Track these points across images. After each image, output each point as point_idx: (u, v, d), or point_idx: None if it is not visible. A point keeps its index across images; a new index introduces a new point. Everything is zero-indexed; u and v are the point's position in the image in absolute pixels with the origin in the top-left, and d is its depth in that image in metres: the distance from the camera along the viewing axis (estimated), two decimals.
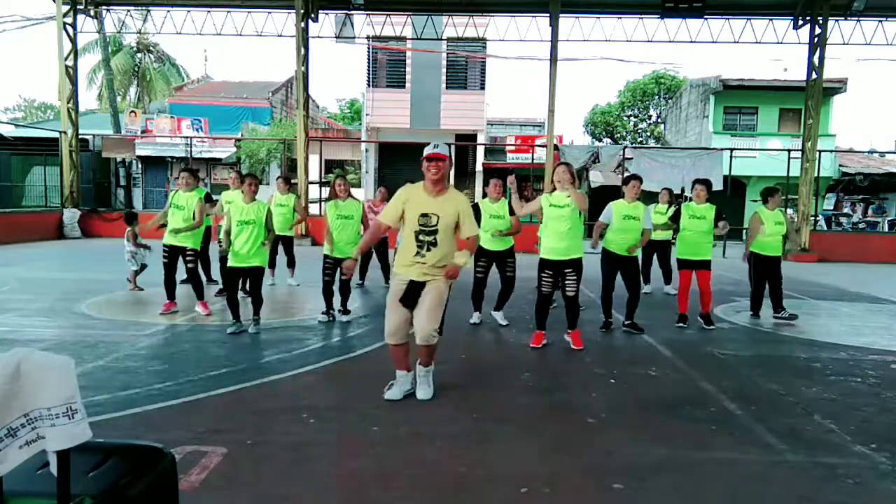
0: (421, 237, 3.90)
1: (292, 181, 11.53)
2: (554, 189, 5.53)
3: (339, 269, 6.44)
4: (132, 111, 24.73)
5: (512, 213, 6.29)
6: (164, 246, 6.74)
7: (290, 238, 8.97)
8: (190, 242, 6.74)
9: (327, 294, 6.51)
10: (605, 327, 6.42)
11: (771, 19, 16.10)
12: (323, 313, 6.55)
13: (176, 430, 3.44)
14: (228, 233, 5.91)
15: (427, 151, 3.91)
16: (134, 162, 23.49)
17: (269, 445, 3.33)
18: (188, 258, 6.76)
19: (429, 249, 3.90)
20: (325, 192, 19.73)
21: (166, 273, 6.73)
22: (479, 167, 22.40)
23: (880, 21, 15.88)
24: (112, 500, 1.31)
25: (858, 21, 15.74)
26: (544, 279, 5.58)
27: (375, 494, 2.86)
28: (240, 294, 6.31)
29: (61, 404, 1.21)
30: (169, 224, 6.72)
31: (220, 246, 6.28)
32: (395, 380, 4.19)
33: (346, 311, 6.66)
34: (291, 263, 9.03)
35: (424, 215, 3.89)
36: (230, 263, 5.96)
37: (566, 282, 5.53)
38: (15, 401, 1.18)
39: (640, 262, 6.60)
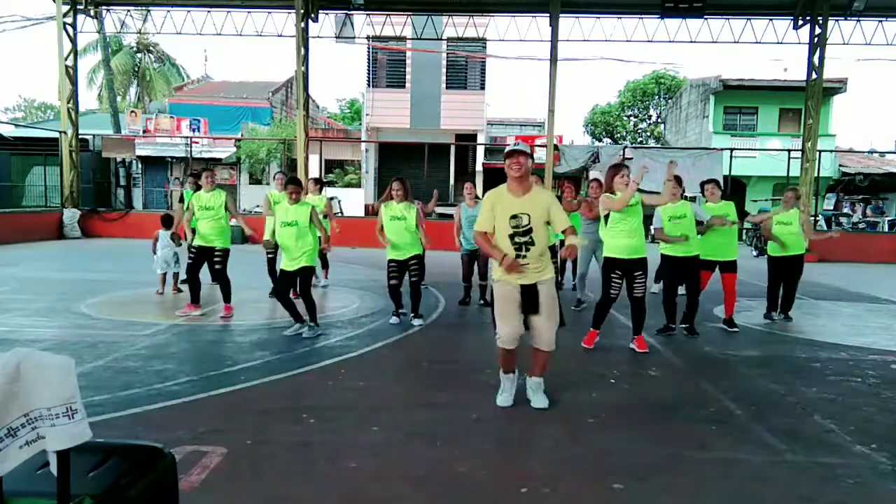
0: (516, 239, 3.86)
1: (324, 181, 11.34)
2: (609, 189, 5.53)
3: (405, 272, 6.49)
4: (132, 111, 24.73)
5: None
6: (192, 247, 6.73)
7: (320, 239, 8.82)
8: (219, 242, 6.65)
9: (394, 296, 6.54)
10: (664, 330, 6.33)
11: (771, 19, 16.10)
12: (393, 314, 6.56)
13: (176, 430, 3.44)
14: (273, 233, 5.98)
15: (508, 149, 3.94)
16: (134, 162, 23.49)
17: (269, 445, 3.33)
18: (216, 259, 6.66)
19: (528, 250, 3.86)
20: (325, 192, 19.75)
21: (190, 274, 6.72)
22: (479, 167, 22.41)
23: (880, 21, 15.88)
24: (112, 499, 1.32)
25: (858, 21, 15.74)
26: (614, 280, 5.53)
27: (375, 494, 2.86)
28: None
29: (61, 404, 1.21)
30: (198, 226, 6.67)
31: (267, 247, 6.33)
32: (503, 385, 4.13)
33: (417, 315, 6.58)
34: (325, 265, 8.91)
35: (514, 217, 3.85)
36: (283, 266, 5.93)
37: (635, 283, 5.49)
38: (15, 401, 1.18)
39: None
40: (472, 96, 22.20)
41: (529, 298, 3.88)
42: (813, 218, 16.32)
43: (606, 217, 5.52)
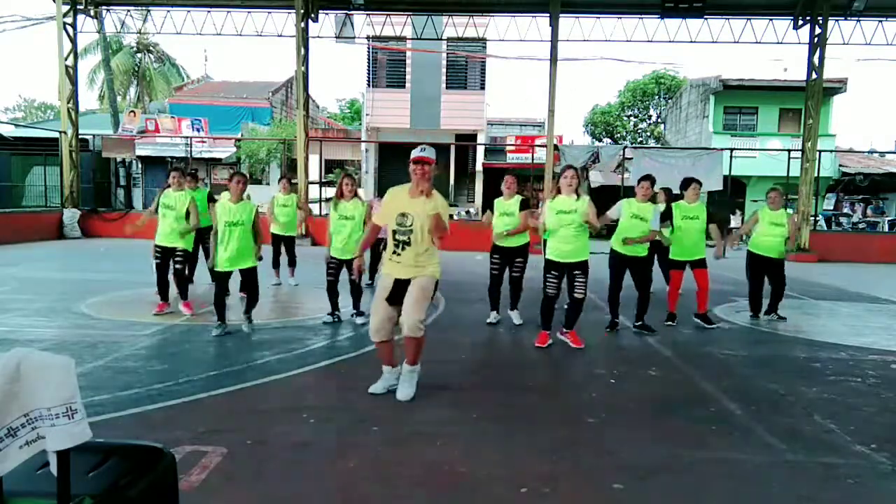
0: (397, 236, 4.02)
1: (293, 181, 11.73)
2: (557, 193, 5.52)
3: (343, 270, 6.39)
4: (132, 111, 24.72)
5: (524, 207, 6.34)
6: (157, 246, 6.74)
7: (293, 238, 9.10)
8: (181, 243, 6.65)
9: (330, 294, 6.44)
10: (611, 327, 6.37)
11: (771, 19, 16.10)
12: (328, 314, 6.50)
13: (176, 430, 3.44)
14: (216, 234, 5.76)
15: (414, 154, 4.04)
16: (134, 162, 23.48)
17: (269, 445, 3.33)
18: (177, 259, 6.67)
19: (403, 248, 4.01)
20: (326, 192, 19.79)
21: (159, 274, 6.73)
22: (479, 167, 22.40)
23: (880, 21, 15.88)
24: (112, 499, 1.31)
25: (858, 21, 15.75)
26: (549, 280, 5.57)
27: (375, 494, 2.86)
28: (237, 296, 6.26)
29: (61, 404, 1.20)
30: (160, 225, 6.70)
31: (209, 253, 6.19)
32: (382, 375, 4.24)
33: (359, 313, 6.48)
34: (292, 263, 9.07)
35: (402, 215, 4.00)
36: (218, 268, 5.79)
37: (575, 283, 5.52)
38: (15, 401, 1.18)
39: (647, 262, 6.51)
40: (472, 96, 22.20)
41: (398, 291, 4.03)
42: (813, 218, 16.35)
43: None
